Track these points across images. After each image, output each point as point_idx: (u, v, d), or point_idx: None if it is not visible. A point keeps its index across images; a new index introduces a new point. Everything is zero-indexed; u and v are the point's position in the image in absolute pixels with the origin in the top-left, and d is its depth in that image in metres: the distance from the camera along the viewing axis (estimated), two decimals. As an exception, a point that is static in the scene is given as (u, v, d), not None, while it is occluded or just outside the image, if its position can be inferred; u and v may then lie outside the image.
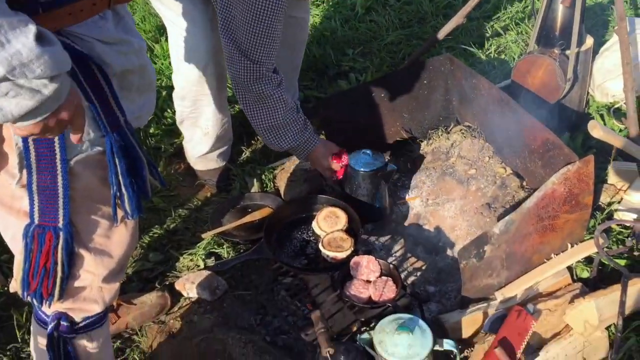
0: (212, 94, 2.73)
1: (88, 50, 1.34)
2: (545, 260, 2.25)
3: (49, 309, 1.64)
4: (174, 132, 3.29)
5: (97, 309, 1.69)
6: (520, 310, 2.01)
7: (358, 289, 2.20)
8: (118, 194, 1.50)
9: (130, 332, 2.29)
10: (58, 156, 1.36)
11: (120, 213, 1.56)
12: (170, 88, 3.50)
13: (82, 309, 1.67)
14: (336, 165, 2.51)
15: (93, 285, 1.63)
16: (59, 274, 1.48)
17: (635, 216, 2.40)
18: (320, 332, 1.72)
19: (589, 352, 2.02)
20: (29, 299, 1.51)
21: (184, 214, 2.83)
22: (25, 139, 1.32)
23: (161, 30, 4.06)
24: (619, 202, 2.51)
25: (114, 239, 1.61)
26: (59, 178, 1.38)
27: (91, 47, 1.35)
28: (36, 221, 1.43)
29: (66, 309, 1.65)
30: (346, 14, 4.30)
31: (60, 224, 1.43)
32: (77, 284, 1.59)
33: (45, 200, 1.40)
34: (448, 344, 1.88)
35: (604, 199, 2.58)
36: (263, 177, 2.92)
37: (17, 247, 1.48)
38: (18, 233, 1.47)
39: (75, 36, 1.32)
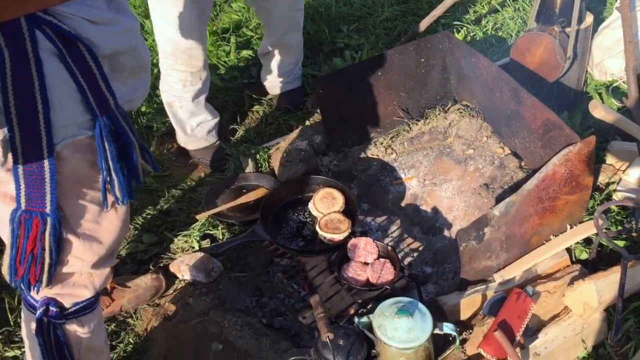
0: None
1: (76, 31, 1.29)
2: (545, 242, 2.23)
3: (38, 295, 1.61)
4: (165, 111, 3.23)
5: (87, 294, 1.65)
6: (520, 292, 2.00)
7: (356, 271, 2.17)
8: (108, 179, 1.46)
9: (125, 315, 2.26)
10: (44, 141, 1.31)
11: (110, 198, 1.51)
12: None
13: (72, 294, 1.63)
14: None
15: (82, 271, 1.60)
16: (47, 260, 1.44)
17: (634, 197, 2.38)
18: (320, 317, 1.69)
19: (588, 333, 2.01)
20: (16, 285, 1.46)
21: (178, 195, 2.78)
22: (10, 124, 1.27)
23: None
24: (617, 183, 2.48)
25: (103, 224, 1.57)
26: (46, 163, 1.33)
27: (80, 27, 1.30)
28: (23, 206, 1.37)
29: (55, 295, 1.61)
30: (340, -10, 4.21)
31: (48, 209, 1.38)
32: (65, 269, 1.56)
33: (32, 185, 1.35)
34: (448, 328, 1.86)
35: (602, 179, 2.55)
36: (257, 157, 2.88)
37: (4, 231, 1.44)
38: (5, 217, 1.42)
39: (63, 15, 1.27)
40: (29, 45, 1.23)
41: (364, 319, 1.88)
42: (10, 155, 1.31)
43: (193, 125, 2.91)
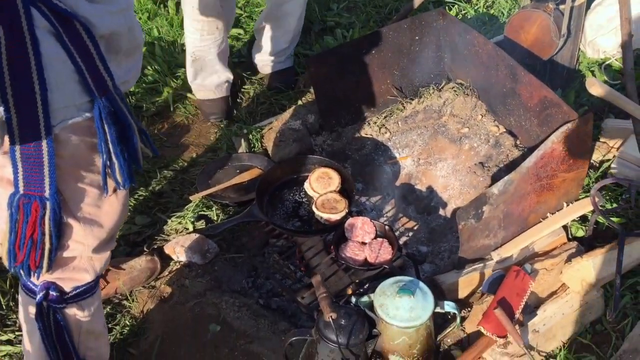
0: None
1: (72, 9, 1.25)
2: (542, 220, 2.23)
3: (37, 280, 1.58)
4: (155, 90, 3.18)
5: (87, 278, 1.63)
6: (518, 270, 2.00)
7: (353, 251, 2.16)
8: (108, 162, 1.42)
9: (120, 297, 2.23)
10: (42, 123, 1.26)
11: (111, 183, 1.48)
12: (150, 45, 3.37)
13: (72, 278, 1.61)
14: None
15: (83, 255, 1.57)
16: (47, 245, 1.41)
17: (630, 173, 2.39)
18: (322, 297, 1.68)
19: (585, 310, 2.02)
20: (15, 271, 1.43)
21: (170, 176, 2.74)
22: (6, 104, 1.22)
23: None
24: (612, 160, 2.49)
25: (104, 208, 1.54)
26: (44, 146, 1.29)
27: (76, 4, 1.26)
28: (21, 190, 1.34)
29: (55, 279, 1.59)
30: (330, -33, 4.15)
31: (47, 193, 1.35)
32: (66, 254, 1.53)
33: (30, 169, 1.31)
34: (449, 306, 1.86)
35: (596, 157, 2.56)
36: (250, 137, 2.84)
37: (2, 216, 1.40)
38: (3, 202, 1.38)
39: None
40: (25, 22, 1.19)
41: (365, 299, 1.87)
42: (7, 138, 1.27)
43: (205, 75, 2.94)
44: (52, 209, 1.37)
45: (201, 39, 2.82)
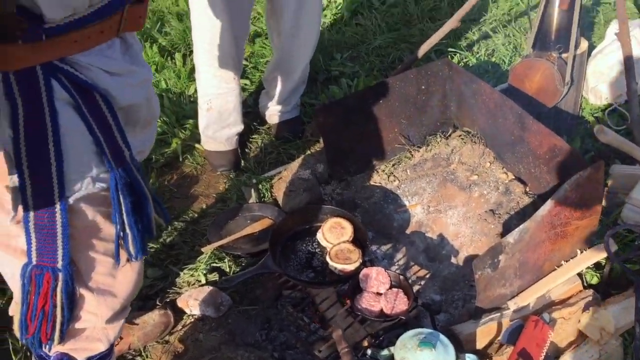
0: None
1: (93, 81, 1.25)
2: (556, 268, 2.23)
3: (50, 351, 1.54)
4: (164, 141, 3.20)
5: (101, 347, 1.60)
6: (537, 320, 1.99)
7: (369, 302, 2.15)
8: (121, 234, 1.41)
9: (134, 353, 2.20)
10: (56, 193, 1.25)
11: (123, 254, 1.46)
12: (158, 97, 3.41)
13: (86, 348, 1.57)
14: None
15: (96, 325, 1.54)
16: (59, 317, 1.38)
17: (640, 220, 2.40)
18: (344, 352, 1.67)
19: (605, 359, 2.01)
20: (27, 342, 1.39)
21: (180, 227, 2.74)
22: (21, 175, 1.21)
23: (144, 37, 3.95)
24: (622, 206, 2.50)
25: (118, 278, 1.51)
26: (58, 216, 1.27)
27: (97, 77, 1.26)
28: (34, 261, 1.31)
29: (68, 350, 1.55)
30: (332, 18, 4.25)
31: (60, 264, 1.32)
32: (78, 325, 1.50)
33: (43, 240, 1.29)
34: (470, 359, 1.84)
35: (605, 203, 2.58)
36: (260, 187, 2.86)
37: (15, 286, 1.38)
38: (16, 272, 1.36)
39: (80, 65, 1.23)
40: (45, 94, 1.18)
41: (385, 352, 1.86)
42: (21, 208, 1.25)
43: (217, 128, 2.96)
44: (64, 280, 1.34)
45: (218, 88, 2.85)
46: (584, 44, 2.88)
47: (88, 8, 1.17)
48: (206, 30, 2.69)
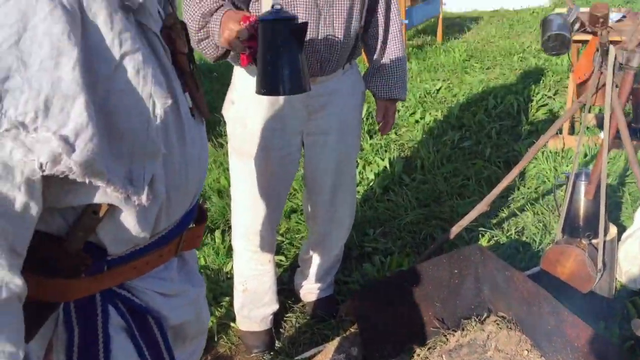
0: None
1: (147, 304, 1.27)
2: None
3: None
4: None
5: None
6: None
7: None
8: None
9: None
10: None
11: None
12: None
13: None
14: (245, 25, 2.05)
15: None
16: None
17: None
18: None
19: None
20: None
21: (213, 413, 2.70)
22: None
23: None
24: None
25: None
26: None
27: (151, 300, 1.27)
28: None
29: None
30: (364, 194, 4.44)
31: None
32: None
33: None
34: None
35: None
36: (294, 370, 2.84)
37: None
38: None
39: (136, 289, 1.24)
40: (100, 321, 1.18)
41: None
42: None
43: (252, 307, 2.99)
44: None
45: (254, 270, 2.92)
46: (613, 230, 2.94)
47: (149, 239, 1.22)
48: (246, 213, 2.82)
